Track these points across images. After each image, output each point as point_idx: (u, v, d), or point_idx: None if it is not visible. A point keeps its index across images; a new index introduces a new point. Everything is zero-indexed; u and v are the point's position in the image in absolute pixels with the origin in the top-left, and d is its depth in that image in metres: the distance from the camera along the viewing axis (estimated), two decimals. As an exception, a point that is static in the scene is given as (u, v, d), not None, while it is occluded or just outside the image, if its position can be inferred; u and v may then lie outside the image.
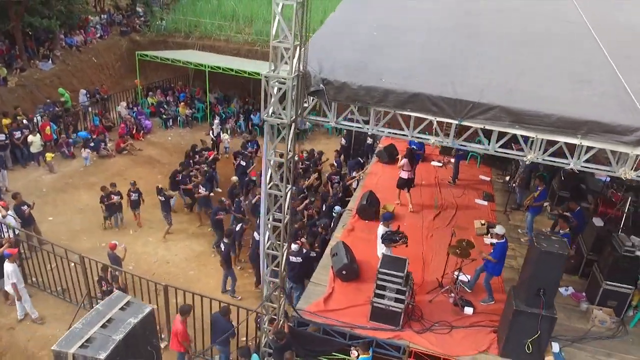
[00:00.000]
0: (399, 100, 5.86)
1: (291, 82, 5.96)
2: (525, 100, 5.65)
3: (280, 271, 7.53)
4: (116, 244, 10.35)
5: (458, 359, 7.47)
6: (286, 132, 6.37)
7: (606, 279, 8.32)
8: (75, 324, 5.45)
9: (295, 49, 5.91)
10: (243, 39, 22.93)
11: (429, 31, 7.72)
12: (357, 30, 7.83)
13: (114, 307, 5.69)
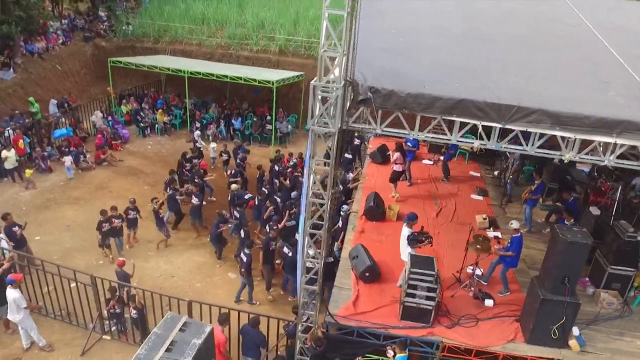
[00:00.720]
0: (445, 106, 6.08)
1: (340, 90, 6.04)
2: (562, 103, 6.03)
3: (318, 278, 7.58)
4: (124, 261, 10.03)
5: (489, 349, 7.80)
6: (332, 140, 6.44)
7: (611, 264, 8.93)
8: (138, 351, 5.30)
9: (342, 58, 5.97)
10: (216, 43, 22.59)
11: (447, 37, 8.01)
12: (384, 39, 7.97)
13: (172, 329, 5.58)
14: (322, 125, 6.34)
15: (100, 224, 11.62)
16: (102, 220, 11.63)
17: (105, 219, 11.66)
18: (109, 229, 11.65)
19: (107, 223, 11.60)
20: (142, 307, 9.03)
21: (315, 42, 21.43)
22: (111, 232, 11.75)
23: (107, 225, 11.60)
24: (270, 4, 25.32)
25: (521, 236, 8.74)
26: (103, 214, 11.73)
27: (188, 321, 5.79)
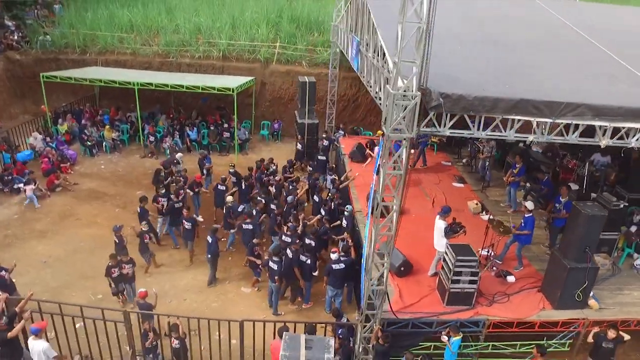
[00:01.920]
0: (506, 106, 6.74)
1: (418, 98, 6.41)
2: (598, 97, 6.99)
3: (369, 282, 7.90)
4: (147, 292, 9.47)
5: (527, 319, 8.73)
6: (406, 145, 6.80)
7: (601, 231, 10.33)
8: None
9: (418, 67, 6.34)
10: (152, 51, 21.46)
11: (471, 42, 8.70)
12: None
13: (298, 349, 5.62)
14: (396, 131, 6.65)
15: (110, 269, 10.34)
16: (112, 266, 10.36)
17: (115, 263, 10.41)
18: (119, 274, 10.45)
19: (116, 268, 10.38)
20: (185, 336, 8.64)
21: (258, 45, 21.34)
22: (122, 278, 10.54)
23: (116, 270, 10.37)
24: (201, 8, 24.58)
25: (533, 216, 9.80)
26: (112, 258, 10.47)
27: (308, 338, 5.83)
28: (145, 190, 15.76)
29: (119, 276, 10.48)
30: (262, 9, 24.12)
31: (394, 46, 6.76)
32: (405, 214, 12.06)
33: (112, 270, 10.35)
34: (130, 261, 10.62)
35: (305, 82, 17.41)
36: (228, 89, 17.31)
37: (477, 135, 7.10)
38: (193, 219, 12.18)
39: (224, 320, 8.64)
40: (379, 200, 7.25)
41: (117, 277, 10.46)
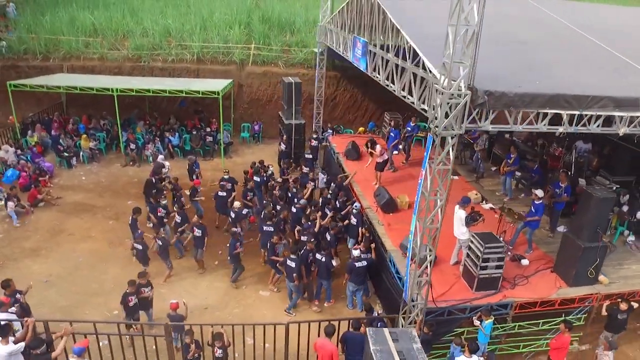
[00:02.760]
0: (542, 101, 7.25)
1: (468, 97, 6.77)
2: (616, 90, 7.67)
3: (416, 274, 8.23)
4: (178, 303, 9.27)
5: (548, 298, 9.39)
6: (454, 141, 7.15)
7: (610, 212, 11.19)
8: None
9: (468, 68, 6.70)
10: (121, 56, 20.68)
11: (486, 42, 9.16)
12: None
13: (386, 342, 5.82)
14: (446, 129, 6.99)
15: (127, 297, 9.20)
16: (129, 293, 9.23)
17: (134, 290, 9.34)
18: (135, 302, 9.35)
19: (134, 296, 9.29)
20: (230, 344, 8.57)
21: (233, 47, 21.12)
22: (139, 305, 9.51)
23: (134, 298, 9.27)
24: (167, 10, 23.93)
25: (543, 203, 10.50)
26: (131, 285, 9.34)
27: (392, 331, 6.05)
28: (135, 201, 15.31)
29: (135, 305, 9.39)
30: (232, 10, 23.87)
31: (429, 48, 7.13)
32: (412, 208, 12.48)
33: (129, 298, 9.23)
34: (149, 284, 9.79)
35: (291, 82, 17.46)
36: (213, 92, 17.05)
37: (514, 129, 7.56)
38: (203, 225, 11.97)
39: (269, 324, 8.62)
40: (427, 195, 7.54)
41: (133, 307, 9.38)
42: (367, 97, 21.90)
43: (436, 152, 7.24)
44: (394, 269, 10.25)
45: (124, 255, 12.67)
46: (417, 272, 8.16)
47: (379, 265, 10.71)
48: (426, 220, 7.70)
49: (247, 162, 18.53)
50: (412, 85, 8.48)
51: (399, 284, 9.82)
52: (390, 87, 9.77)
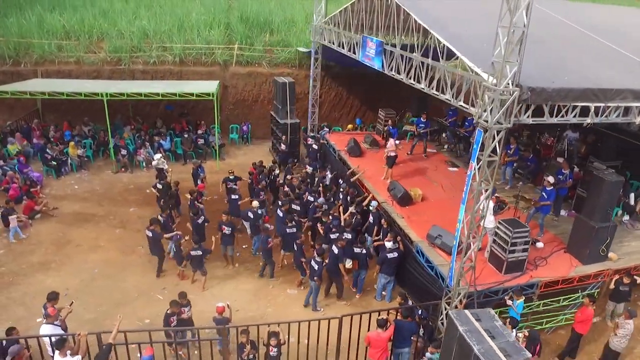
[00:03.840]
0: (575, 95, 7.92)
1: (517, 93, 7.31)
2: (634, 83, 8.48)
3: (463, 260, 8.75)
4: (224, 307, 9.30)
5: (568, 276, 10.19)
6: (502, 135, 7.67)
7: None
8: (475, 348, 5.82)
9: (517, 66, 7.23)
10: (100, 59, 19.98)
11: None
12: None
13: (470, 322, 6.24)
14: (497, 122, 7.50)
15: (168, 317, 8.92)
16: (170, 314, 8.94)
17: (176, 310, 9.04)
18: (177, 322, 9.07)
19: (174, 316, 9.01)
20: (285, 342, 8.72)
21: (215, 48, 20.94)
22: (179, 325, 9.12)
23: (174, 318, 9.00)
24: (139, 11, 23.29)
25: (554, 189, 11.32)
26: (173, 305, 9.01)
27: (474, 312, 6.49)
28: (137, 208, 15.04)
29: (175, 326, 9.03)
30: (208, 10, 23.61)
31: (465, 48, 7.59)
32: (425, 201, 13.10)
33: (171, 319, 8.95)
34: (189, 303, 9.44)
35: (285, 83, 17.61)
36: (208, 94, 16.89)
37: (550, 121, 8.19)
38: (232, 223, 12.00)
39: (324, 319, 8.82)
40: (479, 187, 8.03)
41: (175, 326, 9.03)
42: (351, 95, 22.36)
43: (487, 144, 7.72)
44: (423, 258, 10.72)
45: (139, 262, 12.46)
46: (463, 259, 8.64)
47: (403, 257, 11.12)
48: (475, 208, 8.19)
49: (241, 163, 18.61)
50: (445, 83, 8.94)
51: (431, 273, 10.32)
52: (417, 86, 10.19)
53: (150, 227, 11.46)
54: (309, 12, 25.16)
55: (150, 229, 11.41)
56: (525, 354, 5.98)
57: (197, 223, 12.22)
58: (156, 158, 15.97)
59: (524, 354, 5.96)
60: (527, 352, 6.06)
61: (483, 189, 8.18)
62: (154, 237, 11.41)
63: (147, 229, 11.46)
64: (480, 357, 5.81)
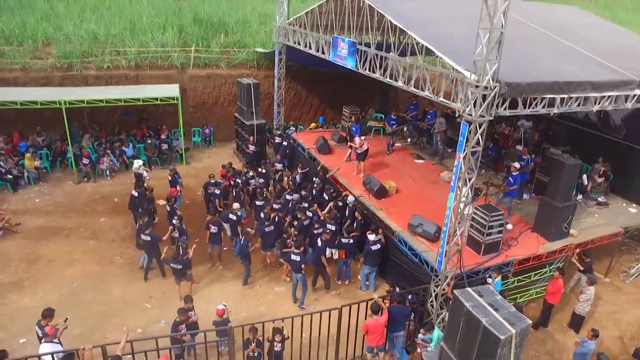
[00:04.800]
0: (544, 88, 8.72)
1: (498, 88, 7.97)
2: (593, 75, 9.44)
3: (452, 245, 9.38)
4: (224, 309, 9.41)
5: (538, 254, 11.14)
6: (483, 128, 8.32)
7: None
8: (483, 320, 6.36)
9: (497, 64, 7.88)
10: (48, 65, 19.03)
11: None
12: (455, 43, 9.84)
13: (473, 299, 6.81)
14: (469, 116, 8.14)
15: (177, 326, 8.78)
16: (179, 322, 8.82)
17: (184, 318, 8.92)
18: (189, 324, 9.00)
19: (183, 324, 8.87)
20: (288, 337, 8.96)
21: (171, 50, 20.58)
22: (188, 329, 8.98)
23: (183, 327, 8.82)
24: (84, 14, 22.37)
25: (519, 174, 12.26)
26: (181, 313, 8.92)
27: (476, 289, 7.05)
28: (108, 217, 14.62)
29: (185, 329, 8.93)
30: (158, 12, 23.10)
31: (443, 47, 8.18)
32: (399, 192, 13.73)
33: (180, 327, 8.78)
34: (193, 307, 9.42)
35: (249, 84, 17.67)
36: (172, 98, 16.65)
37: (524, 113, 8.95)
38: (219, 222, 12.09)
39: (325, 311, 9.09)
40: (463, 174, 8.65)
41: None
42: (310, 94, 22.70)
43: (471, 136, 8.35)
44: (406, 247, 11.29)
45: (120, 272, 12.21)
46: (451, 243, 9.26)
47: (385, 248, 11.62)
48: (460, 195, 8.81)
49: (208, 167, 18.50)
50: (423, 81, 9.52)
51: (415, 260, 10.92)
52: (394, 84, 10.71)
53: (146, 231, 11.48)
54: (262, 13, 25.34)
55: (146, 234, 11.42)
56: (526, 320, 6.64)
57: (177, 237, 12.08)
58: (136, 163, 15.59)
59: (525, 321, 6.62)
60: (527, 318, 6.72)
61: (467, 177, 8.80)
62: (152, 241, 11.41)
63: (142, 234, 11.44)
64: (489, 327, 6.39)
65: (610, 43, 12.41)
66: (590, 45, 11.40)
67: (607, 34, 13.64)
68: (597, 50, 11.06)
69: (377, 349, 9.30)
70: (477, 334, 6.60)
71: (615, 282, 12.59)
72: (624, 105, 10.02)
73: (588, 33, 12.72)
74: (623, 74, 9.97)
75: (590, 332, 9.14)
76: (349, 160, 15.21)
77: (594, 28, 13.80)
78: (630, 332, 11.09)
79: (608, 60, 10.58)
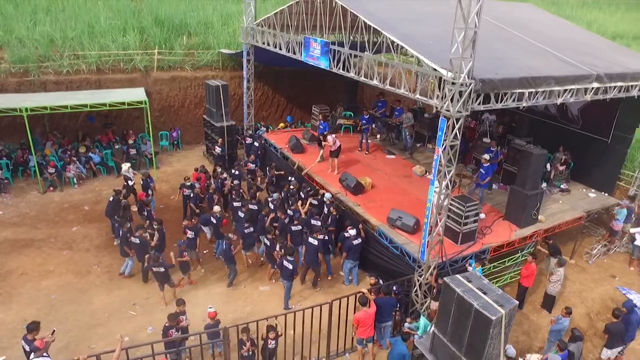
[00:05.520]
0: (514, 84, 9.22)
1: (474, 85, 8.40)
2: (556, 70, 10.06)
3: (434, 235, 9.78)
4: (216, 312, 9.43)
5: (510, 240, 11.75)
6: (461, 122, 8.73)
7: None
8: (475, 304, 6.73)
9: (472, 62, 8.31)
10: (1, 70, 18.20)
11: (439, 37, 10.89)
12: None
13: (463, 284, 7.18)
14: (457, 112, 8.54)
15: (167, 330, 8.72)
16: (169, 327, 8.76)
17: (175, 322, 8.86)
18: (176, 334, 8.85)
19: (173, 328, 8.81)
20: (281, 334, 9.09)
21: (133, 53, 20.14)
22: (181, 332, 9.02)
23: (173, 332, 8.77)
24: (36, 17, 21.49)
25: (490, 165, 12.86)
26: (171, 319, 8.83)
27: (464, 275, 7.43)
28: (80, 226, 14.23)
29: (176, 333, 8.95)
30: (118, 15, 22.51)
31: (418, 46, 8.55)
32: (374, 188, 14.08)
33: (170, 332, 8.72)
34: (184, 312, 9.42)
35: (218, 86, 17.56)
36: (140, 102, 16.34)
37: (496, 107, 9.44)
38: (196, 227, 12.09)
39: (316, 306, 9.25)
40: (443, 167, 9.04)
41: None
42: (277, 94, 22.77)
43: (449, 130, 8.75)
44: (386, 240, 11.63)
45: (99, 282, 11.94)
46: (433, 233, 9.66)
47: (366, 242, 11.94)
48: (441, 188, 9.21)
49: (178, 170, 18.32)
50: (399, 79, 9.86)
51: (397, 252, 11.27)
52: (369, 83, 11.00)
53: (136, 233, 11.46)
54: (223, 13, 25.14)
55: (136, 236, 11.41)
56: (513, 301, 7.08)
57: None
58: (125, 166, 15.34)
59: (512, 302, 7.06)
60: (514, 300, 7.16)
61: (446, 170, 9.20)
62: (141, 244, 11.37)
63: (132, 236, 11.42)
64: (481, 310, 6.77)
65: (565, 39, 13.19)
66: (549, 41, 12.10)
67: (561, 30, 14.49)
68: (555, 46, 11.77)
69: (366, 340, 9.59)
70: (469, 317, 6.98)
71: (579, 263, 13.43)
72: (583, 98, 10.72)
73: (545, 30, 13.48)
74: (581, 68, 10.68)
75: (564, 310, 9.76)
76: (322, 161, 15.42)
77: (549, 25, 14.62)
78: (596, 308, 11.90)
79: (566, 55, 11.30)
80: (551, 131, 15.07)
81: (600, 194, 14.22)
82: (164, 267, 10.98)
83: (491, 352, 6.98)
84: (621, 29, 32.21)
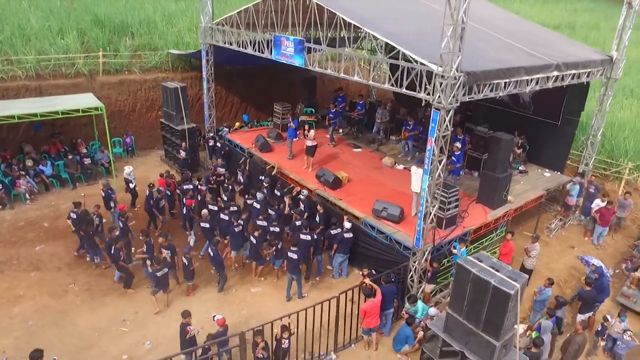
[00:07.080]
0: (493, 75, 9.84)
1: (463, 77, 8.89)
2: (524, 61, 10.85)
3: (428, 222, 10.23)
4: (224, 318, 9.27)
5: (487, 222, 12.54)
6: (451, 114, 9.20)
7: (482, 153, 14.90)
8: (492, 281, 7.19)
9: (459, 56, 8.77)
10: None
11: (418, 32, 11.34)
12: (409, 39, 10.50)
13: (476, 265, 7.64)
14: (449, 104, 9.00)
15: (185, 327, 9.01)
16: (186, 324, 9.04)
17: (190, 320, 9.12)
18: (192, 335, 9.05)
19: (190, 326, 9.04)
20: (294, 333, 9.12)
21: (75, 57, 18.95)
22: (190, 343, 9.04)
23: (190, 328, 9.02)
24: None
25: (462, 152, 13.57)
26: (185, 315, 9.12)
27: (474, 256, 7.89)
28: (44, 244, 13.28)
29: (192, 337, 9.13)
30: (50, 15, 21.03)
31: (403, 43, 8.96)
32: (351, 181, 14.38)
33: (187, 329, 9.01)
34: (190, 323, 9.18)
35: (176, 87, 17.00)
36: (95, 108, 15.45)
37: (478, 97, 10.02)
38: (172, 246, 11.64)
39: (325, 301, 9.35)
40: (436, 157, 9.48)
41: (190, 340, 9.09)
42: (230, 94, 22.37)
43: (441, 122, 9.19)
44: (374, 231, 11.96)
45: (79, 301, 11.26)
46: (428, 220, 10.11)
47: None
48: (434, 176, 9.66)
49: (139, 178, 17.42)
50: (384, 75, 10.18)
51: (386, 242, 11.63)
52: (351, 79, 11.22)
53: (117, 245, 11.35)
54: (165, 13, 24.22)
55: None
56: (524, 275, 7.66)
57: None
58: (127, 169, 14.92)
59: (523, 276, 7.63)
60: (525, 275, 7.74)
61: (438, 159, 9.65)
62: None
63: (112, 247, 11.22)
64: (498, 286, 7.25)
65: (520, 31, 14.17)
66: (511, 35, 12.96)
67: (514, 24, 15.52)
68: (517, 40, 12.64)
69: (372, 329, 9.88)
70: (487, 294, 7.44)
71: (543, 238, 14.53)
72: (546, 85, 11.66)
73: (503, 24, 14.39)
74: (543, 58, 11.59)
75: (547, 280, 10.63)
76: (292, 158, 15.54)
77: (504, 19, 15.61)
78: (563, 277, 13.03)
79: (527, 47, 12.19)
80: (505, 117, 16.11)
81: (554, 173, 15.48)
82: (167, 268, 10.97)
83: (507, 325, 7.51)
84: (542, 19, 34.93)
